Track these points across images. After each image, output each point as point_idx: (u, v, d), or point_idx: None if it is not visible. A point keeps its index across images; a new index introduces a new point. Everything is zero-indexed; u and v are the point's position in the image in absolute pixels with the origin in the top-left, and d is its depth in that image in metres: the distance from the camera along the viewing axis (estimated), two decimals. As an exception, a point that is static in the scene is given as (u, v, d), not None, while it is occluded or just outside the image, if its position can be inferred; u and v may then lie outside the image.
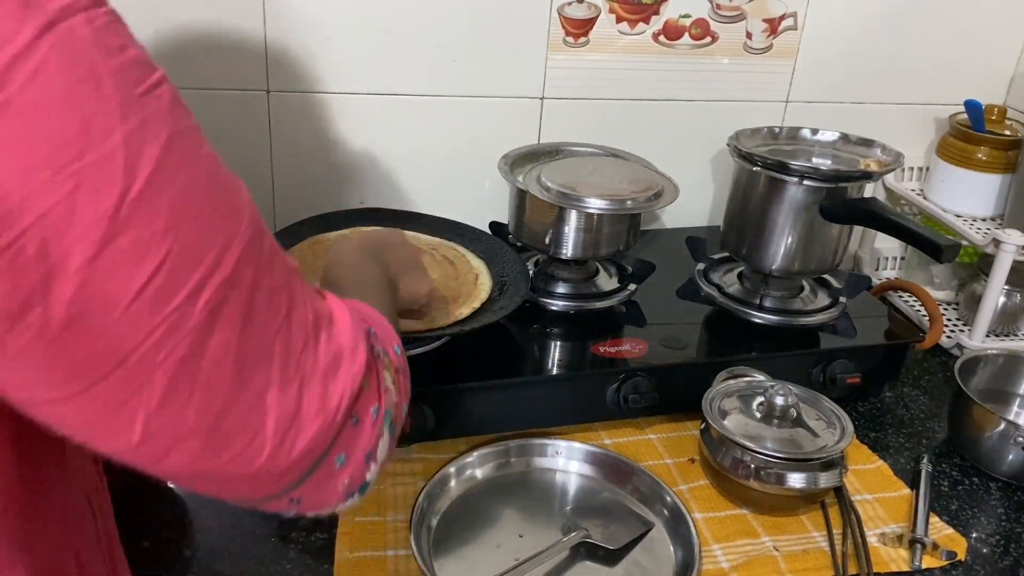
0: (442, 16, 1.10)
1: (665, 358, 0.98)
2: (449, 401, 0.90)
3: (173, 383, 0.38)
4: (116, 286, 0.35)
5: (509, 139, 1.16)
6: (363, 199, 1.17)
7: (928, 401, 1.10)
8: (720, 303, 1.10)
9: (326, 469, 0.46)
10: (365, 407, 0.47)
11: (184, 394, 0.38)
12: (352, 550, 0.79)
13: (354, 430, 0.47)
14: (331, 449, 0.45)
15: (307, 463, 0.44)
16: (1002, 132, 1.22)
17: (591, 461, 0.92)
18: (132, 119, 0.34)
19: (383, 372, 0.49)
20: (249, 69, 1.07)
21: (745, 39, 1.22)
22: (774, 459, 0.84)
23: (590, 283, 1.11)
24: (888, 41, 1.27)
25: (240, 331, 0.39)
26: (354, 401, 0.46)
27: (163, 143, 0.36)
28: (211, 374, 0.39)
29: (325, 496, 0.48)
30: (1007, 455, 0.94)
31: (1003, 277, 1.12)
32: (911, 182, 1.35)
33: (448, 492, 0.87)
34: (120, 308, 0.35)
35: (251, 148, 1.10)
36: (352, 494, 0.49)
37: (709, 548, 0.83)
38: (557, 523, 0.84)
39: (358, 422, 0.47)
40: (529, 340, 1.01)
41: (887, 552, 0.84)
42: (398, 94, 1.14)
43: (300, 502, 0.47)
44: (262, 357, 0.41)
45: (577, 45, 1.17)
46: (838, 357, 1.02)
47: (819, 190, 1.04)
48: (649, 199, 1.02)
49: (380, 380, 0.49)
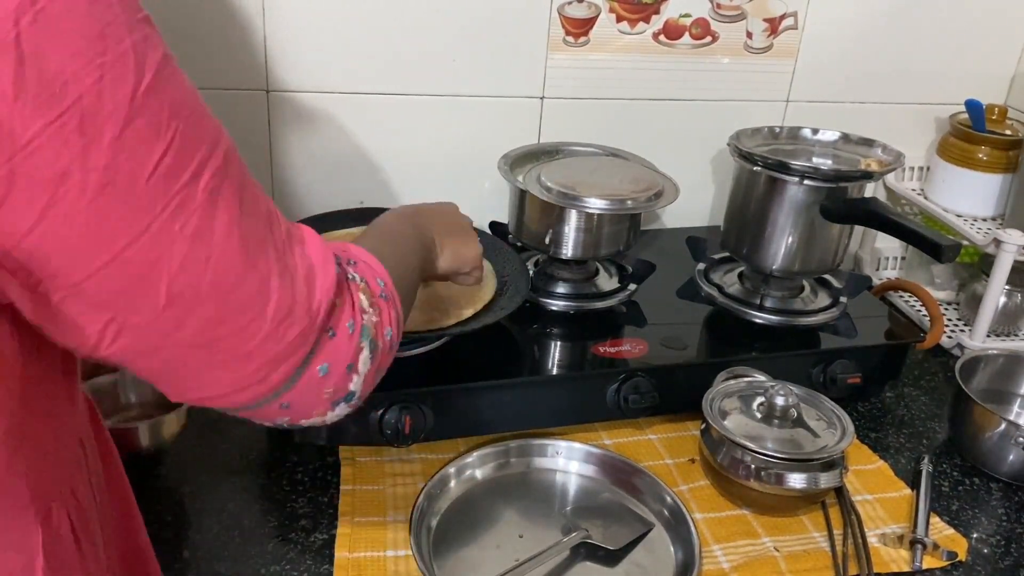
0: (442, 16, 1.10)
1: (665, 358, 0.98)
2: (449, 401, 0.90)
3: (192, 250, 0.45)
4: (138, 159, 0.42)
5: (509, 139, 1.16)
6: (363, 199, 1.17)
7: (928, 401, 1.10)
8: (720, 303, 1.10)
9: (310, 376, 0.52)
10: (339, 321, 0.53)
11: (201, 262, 0.45)
12: (352, 550, 0.79)
13: (331, 341, 0.53)
14: (312, 356, 0.51)
15: (294, 361, 0.51)
16: (1003, 132, 1.22)
17: (591, 461, 0.92)
18: (136, 33, 0.42)
19: (357, 294, 0.56)
20: (249, 69, 1.07)
21: (745, 39, 1.22)
22: (774, 459, 0.84)
23: (590, 283, 1.11)
24: (888, 41, 1.27)
25: (239, 215, 0.47)
26: (328, 314, 0.52)
27: (160, 55, 0.44)
28: (222, 247, 0.46)
29: (311, 402, 0.54)
30: (1008, 455, 0.94)
31: (1004, 277, 1.12)
32: (912, 182, 1.35)
33: (448, 492, 0.87)
34: (142, 179, 0.42)
35: (251, 148, 1.10)
36: (337, 402, 0.55)
37: (709, 548, 0.83)
38: (557, 523, 0.84)
39: (333, 334, 0.53)
40: (529, 340, 1.01)
41: (888, 552, 0.84)
42: (398, 94, 1.13)
43: (290, 407, 0.53)
44: (260, 244, 0.48)
45: (577, 45, 1.17)
46: (838, 357, 1.02)
47: (819, 190, 1.04)
48: (649, 199, 1.02)
49: (354, 299, 0.55)
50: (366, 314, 0.56)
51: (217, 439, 0.92)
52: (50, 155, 0.39)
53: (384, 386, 0.87)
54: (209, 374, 0.49)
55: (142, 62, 0.42)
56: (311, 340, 0.51)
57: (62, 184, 0.40)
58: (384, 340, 0.58)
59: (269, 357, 0.49)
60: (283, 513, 0.84)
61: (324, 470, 0.90)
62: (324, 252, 0.54)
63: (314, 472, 0.90)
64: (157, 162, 0.42)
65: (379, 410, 0.86)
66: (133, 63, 0.42)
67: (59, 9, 0.39)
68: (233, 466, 0.89)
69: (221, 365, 0.49)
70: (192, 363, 0.49)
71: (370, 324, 0.56)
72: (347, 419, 0.86)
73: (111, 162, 0.41)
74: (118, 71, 0.41)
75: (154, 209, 0.43)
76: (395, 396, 0.87)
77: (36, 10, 0.38)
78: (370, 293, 0.57)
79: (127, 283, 0.44)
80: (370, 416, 0.86)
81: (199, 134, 0.45)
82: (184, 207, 0.44)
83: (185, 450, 0.85)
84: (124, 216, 0.42)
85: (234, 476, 0.84)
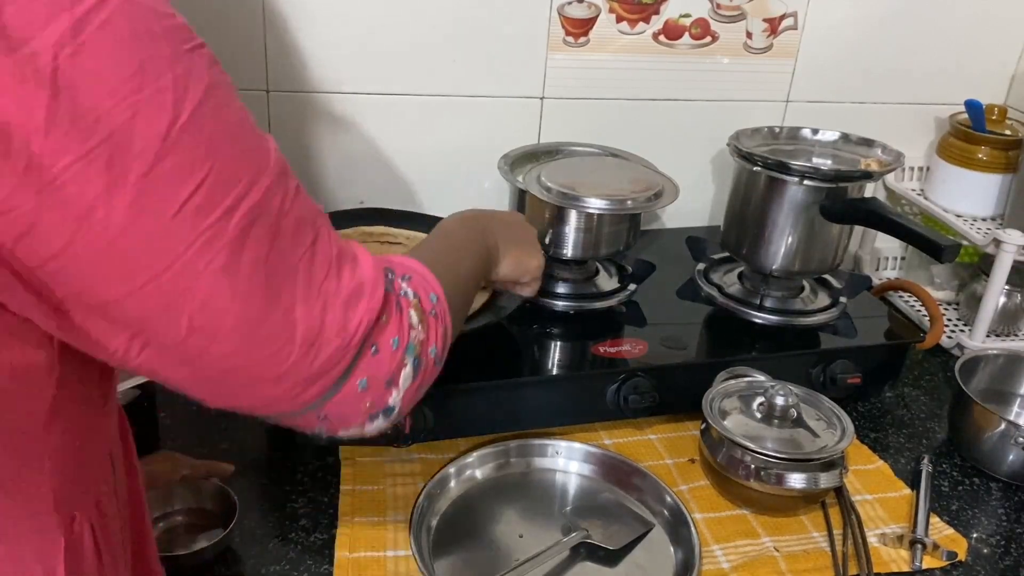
0: (442, 16, 1.10)
1: (665, 358, 0.98)
2: (449, 401, 0.90)
3: (215, 287, 0.44)
4: (165, 197, 0.42)
5: (509, 139, 1.16)
6: (363, 199, 1.17)
7: (928, 401, 1.10)
8: (720, 303, 1.10)
9: (349, 390, 0.52)
10: (384, 338, 0.54)
11: (224, 298, 0.45)
12: (352, 550, 0.79)
13: (374, 358, 0.53)
14: (351, 370, 0.52)
15: (329, 379, 0.51)
16: (1002, 132, 1.22)
17: (591, 461, 0.92)
18: (179, 67, 0.42)
19: (408, 310, 0.56)
20: (249, 69, 1.07)
21: (745, 39, 1.22)
22: (774, 459, 0.84)
23: (590, 283, 1.11)
24: (888, 41, 1.27)
25: (268, 250, 0.46)
26: (371, 330, 0.52)
27: (204, 88, 0.43)
28: (247, 283, 0.46)
29: (350, 415, 0.54)
30: (1007, 455, 0.94)
31: (1003, 277, 1.12)
32: (911, 182, 1.35)
33: (448, 492, 0.87)
34: (167, 216, 0.42)
35: (251, 148, 1.10)
36: (376, 416, 0.55)
37: (709, 548, 0.83)
38: (557, 523, 0.84)
39: (377, 351, 0.53)
40: (529, 340, 1.01)
41: (887, 552, 0.84)
42: (398, 94, 1.13)
43: (327, 419, 0.53)
44: (287, 276, 0.48)
45: (577, 45, 1.17)
46: (838, 357, 1.02)
47: (819, 190, 1.04)
48: (649, 199, 1.02)
49: (403, 316, 0.55)
50: (414, 330, 0.56)
51: (217, 439, 0.92)
52: (76, 190, 0.39)
53: (384, 386, 0.88)
54: (241, 389, 0.50)
55: (181, 98, 0.42)
56: (347, 359, 0.51)
57: (87, 219, 0.40)
58: (428, 357, 0.58)
59: (302, 377, 0.50)
60: (283, 513, 0.84)
61: (324, 470, 0.90)
62: (376, 271, 0.54)
63: (314, 472, 0.90)
64: (185, 200, 0.42)
65: (379, 410, 0.86)
66: (171, 100, 0.41)
67: (101, 43, 0.39)
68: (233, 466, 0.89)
69: (252, 383, 0.49)
70: (222, 380, 0.49)
71: (416, 341, 0.56)
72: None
73: (136, 200, 0.41)
74: (153, 108, 0.41)
75: (179, 247, 0.43)
76: (395, 396, 0.86)
77: (78, 44, 0.38)
78: (421, 310, 0.57)
79: (148, 312, 0.44)
80: (370, 416, 0.86)
81: (238, 169, 0.45)
82: (212, 244, 0.44)
83: (185, 450, 0.85)
84: (147, 252, 0.42)
85: (234, 476, 0.83)
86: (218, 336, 0.46)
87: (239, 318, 0.46)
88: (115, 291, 0.43)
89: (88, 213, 0.40)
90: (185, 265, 0.43)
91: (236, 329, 0.46)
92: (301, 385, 0.50)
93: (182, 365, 0.47)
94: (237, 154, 0.45)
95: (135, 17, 0.41)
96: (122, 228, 0.41)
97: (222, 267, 0.44)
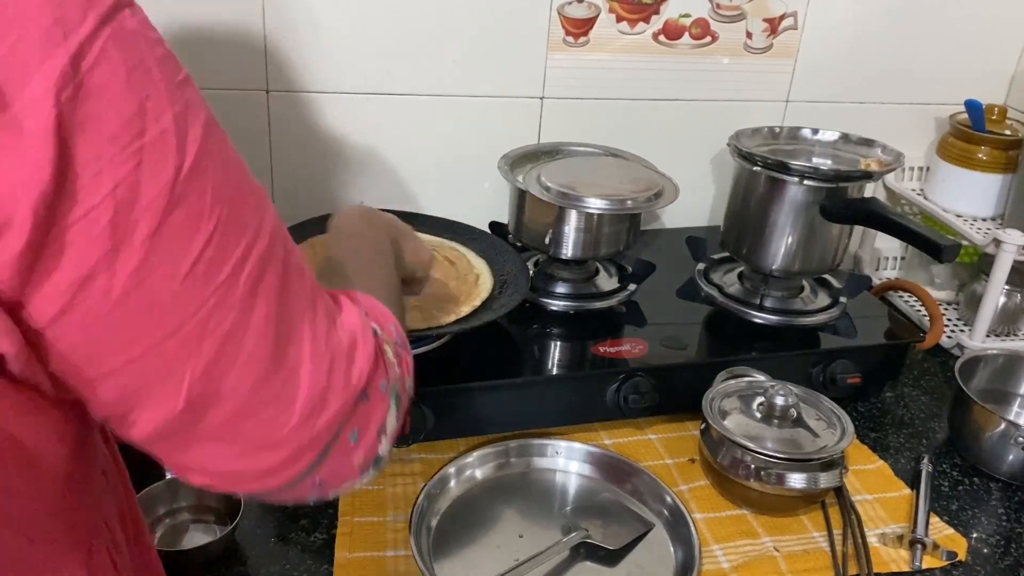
0: (442, 16, 1.10)
1: (665, 358, 0.98)
2: (449, 401, 0.90)
3: (221, 351, 0.40)
4: (175, 257, 0.37)
5: (509, 139, 1.16)
6: (363, 199, 1.17)
7: (928, 401, 1.10)
8: (720, 303, 1.10)
9: (342, 446, 0.47)
10: (374, 383, 0.48)
11: (228, 362, 0.40)
12: (352, 550, 0.79)
13: (365, 406, 0.48)
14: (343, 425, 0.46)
15: (325, 439, 0.46)
16: (1002, 132, 1.22)
17: (591, 461, 0.92)
18: (177, 103, 0.37)
19: (384, 346, 0.51)
20: (249, 69, 1.07)
21: (745, 39, 1.22)
22: (774, 459, 0.84)
23: (590, 283, 1.11)
24: (888, 41, 1.27)
25: (277, 306, 0.42)
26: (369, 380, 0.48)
27: (203, 124, 0.39)
28: (255, 343, 0.41)
29: (344, 473, 0.48)
30: (1007, 455, 0.94)
31: (1003, 277, 1.12)
32: (911, 182, 1.35)
33: (448, 492, 0.87)
34: (178, 279, 0.37)
35: (251, 148, 1.10)
36: (367, 469, 0.50)
37: (709, 548, 0.83)
38: (557, 523, 0.84)
39: (367, 398, 0.48)
40: (529, 340, 1.01)
41: (887, 552, 0.84)
42: (398, 94, 1.13)
43: (323, 484, 0.48)
44: (294, 333, 0.43)
45: (577, 45, 1.17)
46: (838, 357, 1.02)
47: (819, 190, 1.04)
48: (649, 199, 1.02)
49: (384, 356, 0.50)
50: (392, 367, 0.51)
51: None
52: (75, 255, 0.35)
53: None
54: (233, 462, 0.44)
55: (183, 139, 0.37)
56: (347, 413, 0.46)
57: (84, 287, 0.35)
58: (405, 393, 0.53)
59: (301, 444, 0.45)
60: (283, 513, 0.84)
61: (324, 470, 0.90)
62: (360, 316, 0.49)
63: (314, 472, 0.90)
64: (196, 259, 0.38)
65: (379, 410, 0.86)
66: (175, 142, 0.37)
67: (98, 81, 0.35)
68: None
69: (247, 454, 0.44)
70: (214, 451, 0.44)
71: (396, 379, 0.51)
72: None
73: (142, 264, 0.36)
74: (158, 154, 0.36)
75: (186, 311, 0.38)
76: (395, 396, 0.87)
77: (76, 83, 0.34)
78: (393, 344, 0.52)
79: (143, 381, 0.39)
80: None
81: (244, 215, 0.40)
82: (221, 305, 0.39)
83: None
84: (151, 320, 0.38)
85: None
86: (216, 402, 0.41)
87: (241, 381, 0.41)
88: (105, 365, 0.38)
89: (86, 281, 0.35)
90: (191, 331, 0.38)
91: (236, 393, 0.41)
92: (299, 450, 0.45)
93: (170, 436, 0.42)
94: (242, 198, 0.41)
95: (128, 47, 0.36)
96: (123, 297, 0.36)
97: (230, 328, 0.40)
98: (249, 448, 0.44)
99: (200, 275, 0.38)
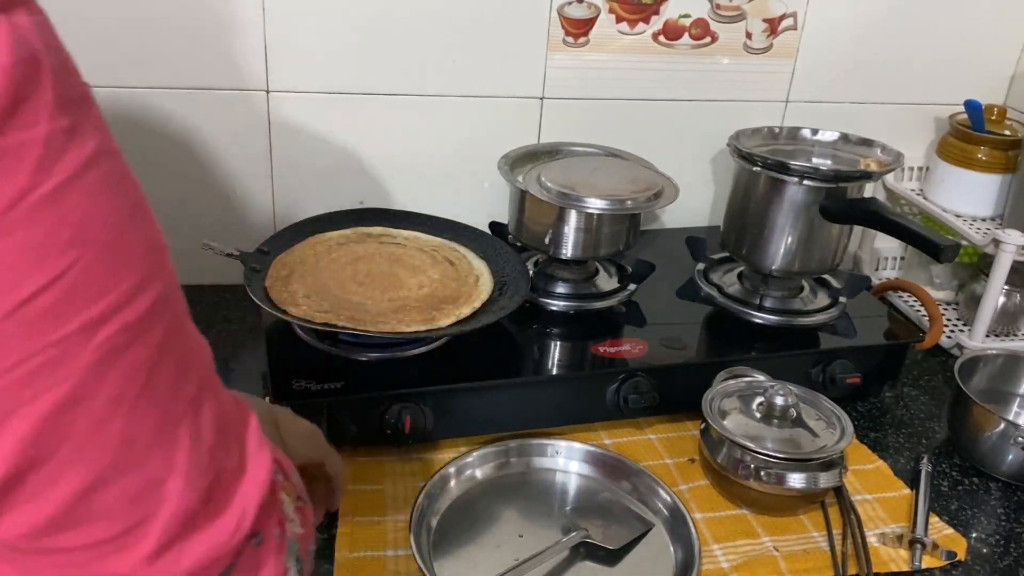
0: (442, 16, 1.10)
1: (665, 358, 0.98)
2: (449, 401, 0.90)
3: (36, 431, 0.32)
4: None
5: (509, 139, 1.16)
6: (363, 199, 1.17)
7: (928, 401, 1.10)
8: (720, 303, 1.10)
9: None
10: (268, 525, 0.39)
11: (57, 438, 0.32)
12: (352, 550, 0.79)
13: (256, 551, 0.39)
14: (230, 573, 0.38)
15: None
16: (1002, 132, 1.22)
17: (591, 461, 0.92)
18: (62, 119, 0.32)
19: (280, 494, 0.42)
20: (249, 69, 1.07)
21: (745, 39, 1.22)
22: (774, 459, 0.84)
23: (590, 283, 1.11)
24: (888, 41, 1.27)
25: (141, 392, 0.34)
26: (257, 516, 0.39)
27: (88, 154, 0.33)
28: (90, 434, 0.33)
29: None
30: (1007, 455, 0.94)
31: (1003, 277, 1.12)
32: (911, 182, 1.35)
33: (448, 492, 0.87)
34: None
35: (251, 148, 1.10)
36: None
37: (709, 548, 0.83)
38: (557, 523, 0.84)
39: (260, 542, 0.39)
40: (529, 340, 1.01)
41: (887, 552, 0.84)
42: (398, 94, 1.14)
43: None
44: (164, 436, 0.35)
45: (577, 45, 1.17)
46: (838, 357, 1.02)
47: (819, 190, 1.04)
48: (649, 199, 1.02)
49: (278, 501, 0.42)
50: (290, 521, 0.42)
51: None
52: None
53: (384, 386, 0.88)
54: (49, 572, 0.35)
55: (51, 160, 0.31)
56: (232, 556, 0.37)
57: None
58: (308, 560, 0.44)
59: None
60: (283, 513, 0.84)
61: (324, 470, 0.90)
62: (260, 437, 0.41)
63: (314, 472, 0.90)
64: (25, 299, 0.31)
65: (379, 410, 0.86)
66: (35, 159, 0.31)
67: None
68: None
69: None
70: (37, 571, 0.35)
71: (295, 537, 0.42)
72: (347, 418, 0.87)
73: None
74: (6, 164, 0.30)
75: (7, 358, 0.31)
76: (395, 396, 0.87)
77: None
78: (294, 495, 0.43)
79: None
80: (370, 416, 0.86)
81: (120, 269, 0.34)
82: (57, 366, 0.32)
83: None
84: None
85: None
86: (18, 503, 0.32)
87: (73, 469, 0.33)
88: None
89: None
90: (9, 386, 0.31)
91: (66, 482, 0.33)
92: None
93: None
94: (122, 250, 0.34)
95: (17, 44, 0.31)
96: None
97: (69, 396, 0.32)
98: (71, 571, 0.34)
99: (31, 319, 0.31)
